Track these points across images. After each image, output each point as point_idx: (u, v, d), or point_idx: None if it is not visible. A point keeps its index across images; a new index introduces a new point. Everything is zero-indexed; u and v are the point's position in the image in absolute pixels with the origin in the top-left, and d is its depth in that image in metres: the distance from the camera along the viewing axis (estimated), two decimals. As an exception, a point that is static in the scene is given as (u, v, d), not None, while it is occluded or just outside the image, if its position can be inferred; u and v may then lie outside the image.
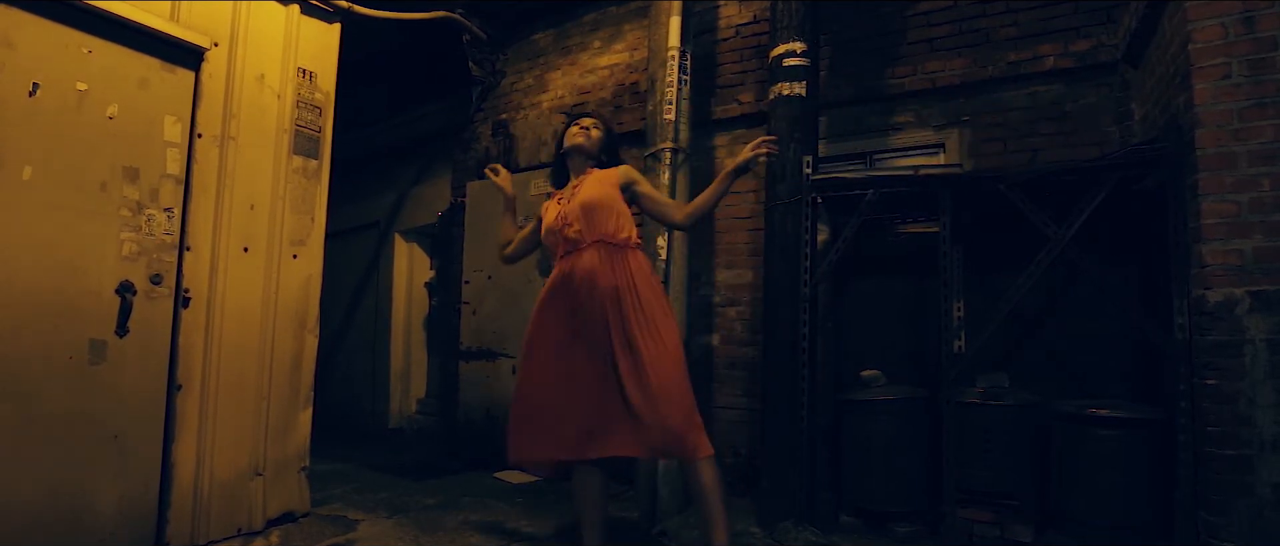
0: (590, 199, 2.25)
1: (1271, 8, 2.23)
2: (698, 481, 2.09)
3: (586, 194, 2.28)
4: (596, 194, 2.27)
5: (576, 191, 2.33)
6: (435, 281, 5.74)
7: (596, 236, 2.22)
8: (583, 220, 2.23)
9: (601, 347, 2.16)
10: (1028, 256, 2.78)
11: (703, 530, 2.12)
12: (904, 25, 3.66)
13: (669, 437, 2.06)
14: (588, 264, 2.19)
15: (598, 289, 2.16)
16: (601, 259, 2.19)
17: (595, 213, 2.23)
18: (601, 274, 2.17)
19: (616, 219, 2.25)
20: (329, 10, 3.19)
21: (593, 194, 2.27)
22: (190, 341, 2.65)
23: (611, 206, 2.26)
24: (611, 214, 2.25)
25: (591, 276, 2.18)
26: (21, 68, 2.23)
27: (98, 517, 2.39)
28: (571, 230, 2.25)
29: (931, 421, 2.96)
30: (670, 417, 2.05)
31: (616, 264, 2.19)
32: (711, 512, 2.07)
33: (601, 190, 2.28)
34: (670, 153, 3.40)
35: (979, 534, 2.82)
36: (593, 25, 4.77)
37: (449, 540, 2.93)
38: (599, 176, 2.35)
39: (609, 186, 2.30)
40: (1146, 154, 2.56)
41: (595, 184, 2.31)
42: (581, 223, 2.24)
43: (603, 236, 2.22)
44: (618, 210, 2.27)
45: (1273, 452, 2.13)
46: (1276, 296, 2.16)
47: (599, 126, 2.45)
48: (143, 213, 2.54)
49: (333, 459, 4.41)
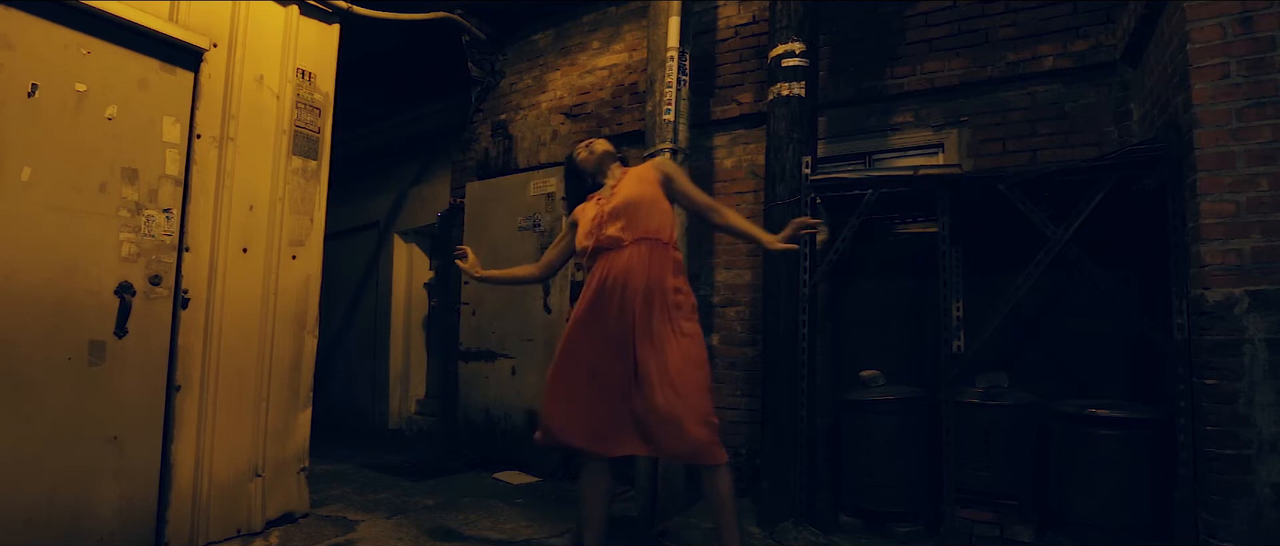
0: (630, 198, 2.24)
1: (1270, 8, 2.23)
2: (713, 488, 2.10)
3: (627, 192, 2.26)
4: (638, 192, 2.25)
5: (614, 189, 2.33)
6: (435, 281, 5.74)
7: (638, 235, 2.20)
8: (624, 218, 2.22)
9: (629, 347, 2.15)
10: (1027, 256, 2.78)
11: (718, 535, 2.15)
12: (903, 25, 3.66)
13: (687, 442, 2.05)
14: (626, 263, 2.18)
15: (631, 288, 2.16)
16: (640, 258, 2.18)
17: (638, 211, 2.22)
18: (638, 273, 2.16)
19: (660, 217, 2.25)
20: (328, 11, 3.19)
21: (634, 192, 2.25)
22: (189, 342, 2.65)
23: (655, 204, 2.25)
24: (655, 211, 2.24)
25: (628, 275, 2.17)
26: (21, 68, 2.23)
27: (97, 518, 2.39)
28: (612, 229, 2.23)
29: (931, 421, 2.96)
30: (690, 423, 2.05)
31: (654, 263, 2.18)
32: (724, 520, 2.10)
33: (642, 188, 2.27)
34: (669, 153, 3.40)
35: (979, 534, 2.82)
36: (592, 26, 4.77)
37: (449, 540, 2.93)
38: (636, 173, 2.34)
39: (650, 184, 2.29)
40: (1145, 154, 2.57)
41: (635, 182, 2.30)
42: (623, 220, 2.22)
43: (644, 235, 2.20)
44: (661, 208, 2.26)
45: (1272, 452, 2.13)
46: (1275, 296, 2.16)
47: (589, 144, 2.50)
48: (142, 213, 2.54)
49: (332, 459, 4.41)
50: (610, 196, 2.31)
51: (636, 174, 2.34)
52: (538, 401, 4.39)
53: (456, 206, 5.24)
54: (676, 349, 2.11)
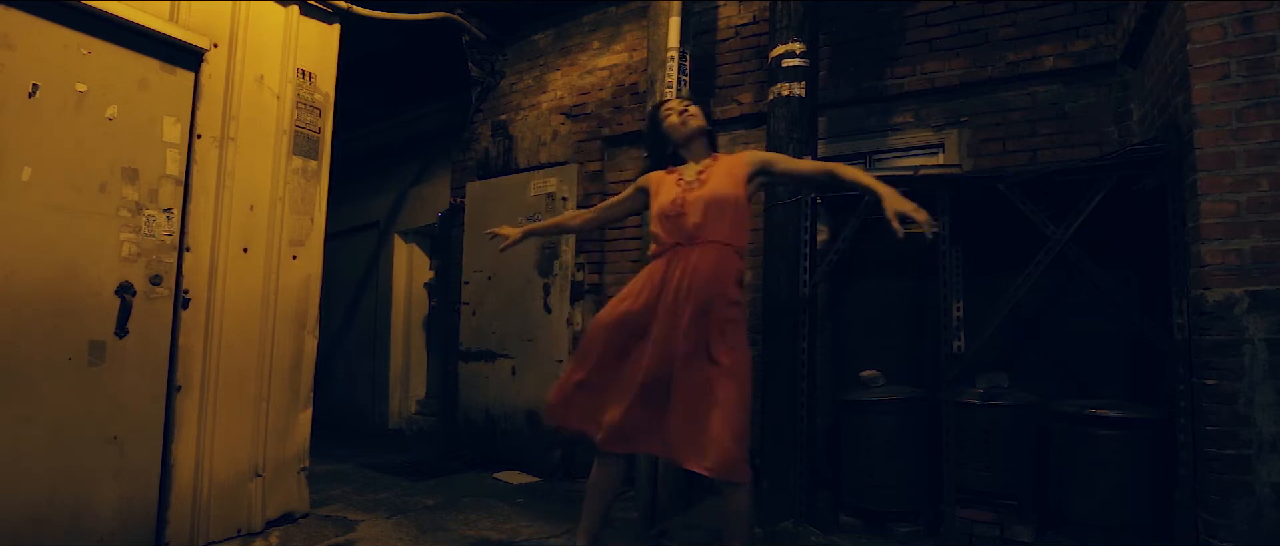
0: (718, 195, 2.11)
1: (1270, 8, 2.23)
2: (734, 505, 2.01)
3: (716, 188, 2.13)
4: (726, 191, 2.12)
5: (705, 179, 2.17)
6: (435, 281, 5.74)
7: (715, 237, 2.09)
8: (705, 215, 2.10)
9: (675, 348, 2.04)
10: (1027, 256, 2.78)
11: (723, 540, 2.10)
12: (903, 25, 3.66)
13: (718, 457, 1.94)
14: (696, 262, 2.07)
15: (695, 290, 2.04)
16: (709, 261, 2.07)
17: (719, 211, 2.10)
18: (703, 275, 2.05)
19: (740, 223, 2.14)
20: (328, 11, 3.19)
21: (723, 190, 2.12)
22: (190, 342, 2.65)
23: (740, 209, 2.13)
24: (738, 216, 2.13)
25: (694, 275, 2.06)
26: (21, 68, 2.23)
27: (97, 518, 2.39)
28: (690, 221, 2.11)
29: (931, 421, 2.96)
30: (725, 437, 1.94)
31: (722, 270, 2.07)
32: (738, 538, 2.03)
33: (731, 188, 2.13)
34: (670, 153, 3.40)
35: (979, 534, 2.82)
36: (592, 26, 4.77)
37: (449, 540, 2.93)
38: (728, 167, 2.19)
39: (739, 185, 2.15)
40: (1145, 154, 2.57)
41: (726, 178, 2.16)
42: (703, 218, 2.10)
43: (720, 239, 2.09)
44: (744, 214, 2.15)
45: (1272, 452, 2.13)
46: (1275, 296, 2.16)
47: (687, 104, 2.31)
48: (142, 213, 2.54)
49: (332, 459, 4.41)
50: (697, 184, 2.17)
51: (727, 168, 2.19)
52: (539, 401, 4.40)
53: (457, 206, 5.24)
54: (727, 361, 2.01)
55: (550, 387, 2.26)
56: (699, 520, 3.12)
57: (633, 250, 4.24)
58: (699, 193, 2.14)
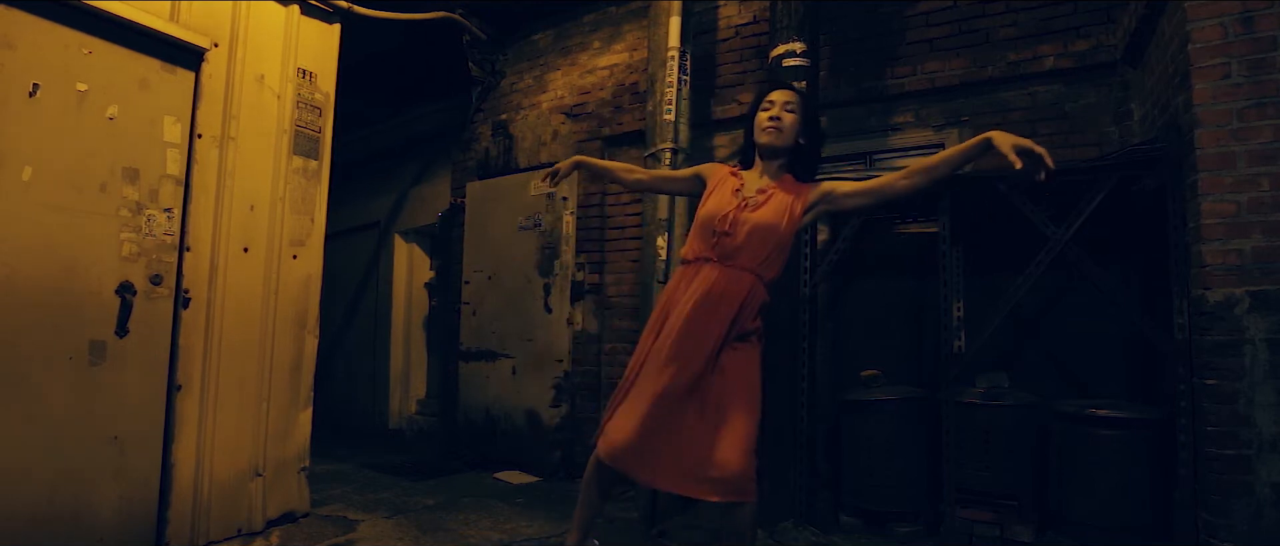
0: (766, 224, 1.96)
1: (1270, 8, 2.23)
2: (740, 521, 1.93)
3: (767, 216, 1.97)
4: (774, 221, 1.97)
5: (762, 201, 2.00)
6: (435, 281, 5.74)
7: (745, 263, 1.97)
8: (747, 239, 1.97)
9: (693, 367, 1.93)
10: (1027, 256, 2.78)
11: None
12: (903, 25, 3.66)
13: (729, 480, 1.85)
14: (724, 282, 1.96)
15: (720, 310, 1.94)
16: (735, 286, 1.95)
17: (762, 241, 1.96)
18: (730, 298, 1.94)
19: (775, 257, 2.00)
20: (329, 11, 3.19)
21: (771, 219, 1.97)
22: (190, 342, 2.65)
23: (780, 243, 1.98)
24: (776, 250, 1.99)
25: (720, 299, 1.94)
26: (21, 68, 2.23)
27: (98, 518, 2.39)
28: (731, 240, 1.98)
29: (931, 421, 2.96)
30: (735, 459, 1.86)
31: (749, 299, 1.97)
32: None
33: (781, 221, 1.97)
34: (670, 153, 3.40)
35: (979, 534, 2.82)
36: (592, 26, 4.77)
37: (449, 540, 2.93)
38: (789, 200, 2.00)
39: (792, 220, 1.98)
40: (1146, 154, 2.57)
41: (781, 208, 1.99)
42: (744, 240, 1.97)
43: (754, 268, 1.97)
44: (783, 250, 2.00)
45: (1272, 452, 2.13)
46: (1276, 296, 2.16)
47: (793, 108, 2.05)
48: (142, 213, 2.54)
49: (333, 459, 4.41)
50: (754, 205, 2.01)
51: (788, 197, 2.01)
52: (539, 402, 4.41)
53: (457, 206, 5.25)
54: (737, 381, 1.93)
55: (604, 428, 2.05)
56: (699, 520, 3.12)
57: (632, 250, 4.24)
58: (753, 214, 1.99)
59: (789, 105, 2.06)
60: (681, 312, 1.97)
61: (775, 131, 2.04)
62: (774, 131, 2.04)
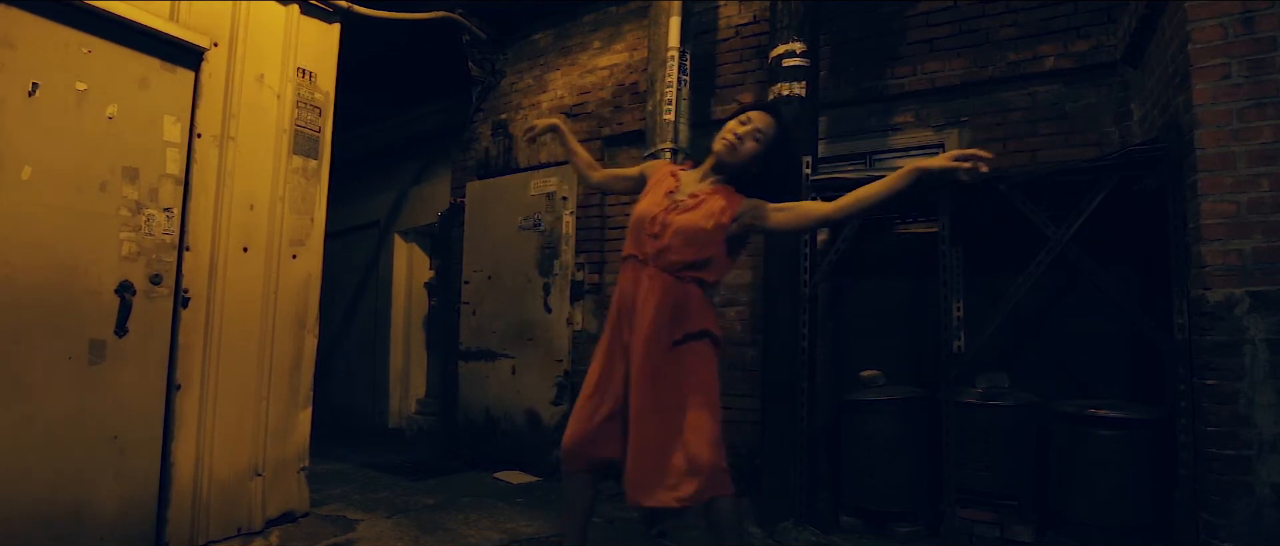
0: (690, 227, 1.93)
1: (1271, 8, 2.23)
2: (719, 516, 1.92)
3: (693, 219, 1.94)
4: (698, 225, 1.93)
5: (692, 204, 1.97)
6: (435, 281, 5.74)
7: (670, 264, 1.94)
8: (670, 240, 1.94)
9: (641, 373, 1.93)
10: (1027, 256, 2.78)
11: None
12: (904, 25, 3.66)
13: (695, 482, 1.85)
14: (649, 285, 1.95)
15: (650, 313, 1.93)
16: (664, 288, 1.93)
17: (686, 243, 1.93)
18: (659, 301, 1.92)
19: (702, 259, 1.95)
20: (329, 10, 3.19)
21: (696, 223, 1.93)
22: (189, 341, 2.65)
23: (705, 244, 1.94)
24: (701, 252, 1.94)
25: (649, 299, 1.93)
26: (21, 68, 2.23)
27: (97, 517, 2.39)
28: (657, 242, 1.95)
29: (931, 421, 2.96)
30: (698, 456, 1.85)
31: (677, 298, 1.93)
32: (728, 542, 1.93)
33: (706, 224, 1.93)
34: (670, 153, 3.40)
35: (979, 534, 2.82)
36: (592, 25, 4.77)
37: (449, 540, 2.93)
38: (719, 207, 1.95)
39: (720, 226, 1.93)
40: (1146, 154, 2.57)
41: (708, 215, 1.94)
42: (667, 241, 1.94)
43: (676, 267, 1.94)
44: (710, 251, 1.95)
45: (1272, 452, 2.13)
46: (1276, 296, 2.16)
47: (760, 139, 1.98)
48: (142, 212, 2.53)
49: (332, 459, 4.41)
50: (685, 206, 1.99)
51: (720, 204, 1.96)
52: (539, 401, 4.40)
53: (457, 206, 5.24)
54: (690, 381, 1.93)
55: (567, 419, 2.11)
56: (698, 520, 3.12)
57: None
58: (682, 216, 1.96)
59: (760, 134, 1.99)
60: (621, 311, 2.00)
61: (730, 147, 1.99)
62: (729, 146, 1.99)
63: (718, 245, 1.96)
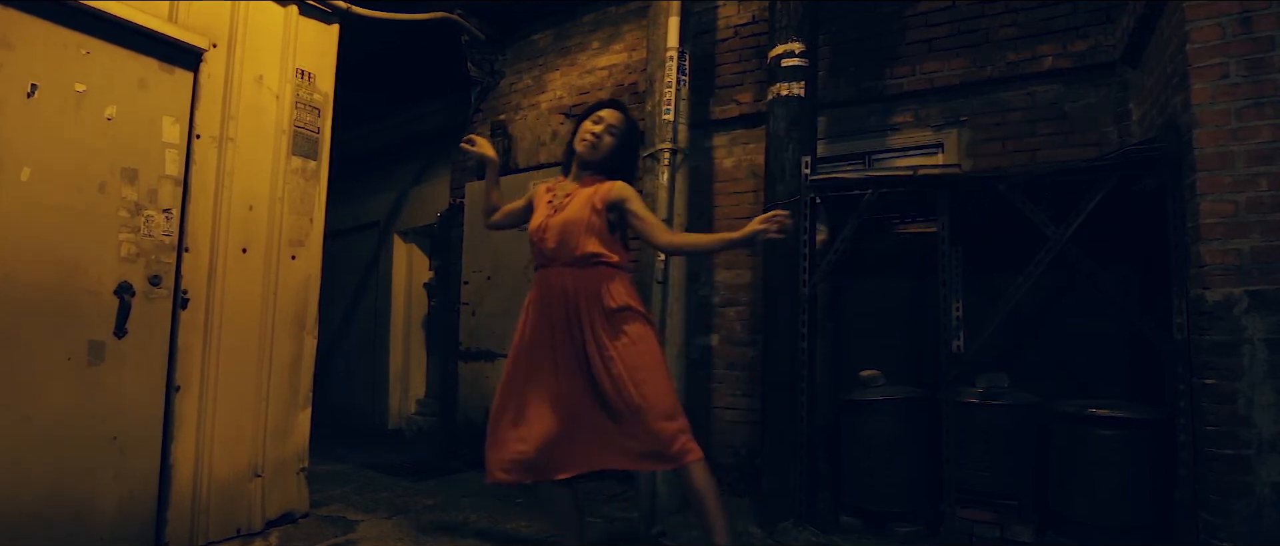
0: (569, 220, 2.13)
1: (1269, 8, 2.23)
2: (691, 485, 2.02)
3: (569, 213, 2.14)
4: (576, 215, 2.13)
5: (567, 203, 2.18)
6: (435, 281, 5.74)
7: (569, 257, 2.12)
8: (558, 238, 2.13)
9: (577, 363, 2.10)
10: (1027, 256, 2.78)
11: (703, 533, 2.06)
12: (903, 25, 3.66)
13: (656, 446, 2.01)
14: (559, 281, 2.13)
15: (569, 305, 2.10)
16: (572, 278, 2.11)
17: (571, 234, 2.12)
18: (571, 292, 2.10)
19: (594, 242, 2.12)
20: (327, 11, 3.19)
21: (574, 215, 2.13)
22: (189, 342, 2.65)
23: (588, 229, 2.12)
24: (589, 237, 2.12)
25: (563, 293, 2.11)
26: (20, 68, 2.23)
27: (97, 518, 2.39)
28: (547, 245, 2.16)
29: (931, 421, 2.96)
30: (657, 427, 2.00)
31: (587, 284, 2.11)
32: (710, 515, 2.01)
33: (583, 213, 2.13)
34: (669, 153, 3.40)
35: (979, 534, 2.82)
36: (592, 26, 4.77)
37: (449, 540, 2.93)
38: (588, 194, 2.17)
39: (590, 210, 2.13)
40: (1145, 154, 2.57)
41: (582, 203, 2.15)
42: (556, 240, 2.14)
43: (575, 259, 2.12)
44: (596, 234, 2.13)
45: (1272, 452, 2.13)
46: (1275, 296, 2.16)
47: (614, 132, 2.21)
48: (141, 213, 2.53)
49: (332, 459, 4.41)
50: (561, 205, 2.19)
51: (588, 194, 2.17)
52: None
53: (456, 206, 5.24)
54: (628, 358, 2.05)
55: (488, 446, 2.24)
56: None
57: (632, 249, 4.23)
58: (558, 216, 2.16)
59: (613, 129, 2.21)
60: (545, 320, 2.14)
61: (590, 147, 2.20)
62: (589, 145, 2.20)
63: (598, 225, 2.13)
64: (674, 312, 3.36)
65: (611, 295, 2.10)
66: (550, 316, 2.14)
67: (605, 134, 2.20)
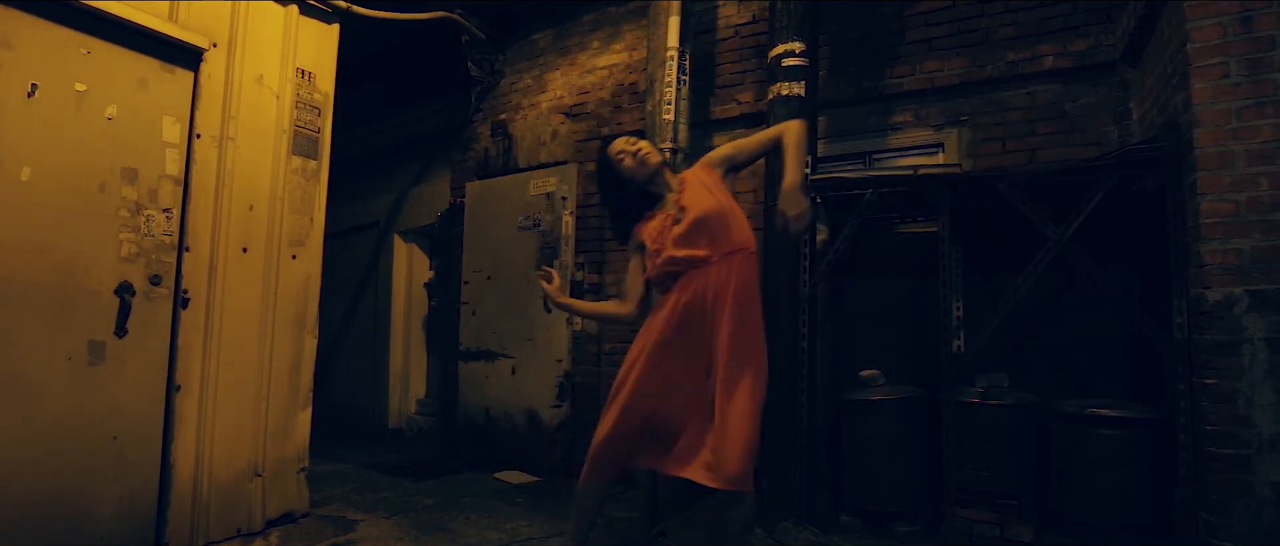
0: (709, 212, 1.99)
1: (1269, 7, 2.23)
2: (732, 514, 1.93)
3: (702, 207, 2.00)
4: (710, 203, 2.01)
5: (685, 206, 2.04)
6: (435, 281, 5.74)
7: (726, 249, 1.98)
8: (705, 235, 1.98)
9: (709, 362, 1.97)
10: (1027, 256, 2.78)
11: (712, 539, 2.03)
12: (903, 25, 3.65)
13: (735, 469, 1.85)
14: (716, 279, 1.97)
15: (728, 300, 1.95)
16: (731, 270, 1.97)
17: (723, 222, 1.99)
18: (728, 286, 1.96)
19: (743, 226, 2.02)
20: (328, 10, 3.19)
21: (706, 204, 2.01)
22: (189, 342, 2.65)
23: (733, 213, 2.02)
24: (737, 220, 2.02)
25: (720, 291, 1.96)
26: (20, 68, 2.23)
27: (97, 518, 2.39)
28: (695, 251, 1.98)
29: (931, 421, 2.96)
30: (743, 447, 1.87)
31: (747, 277, 1.99)
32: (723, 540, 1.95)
33: (712, 197, 2.02)
34: (669, 153, 3.40)
35: (979, 533, 2.82)
36: (592, 25, 4.77)
37: (449, 540, 2.93)
38: (697, 178, 2.09)
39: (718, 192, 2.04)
40: (1145, 154, 2.57)
41: (701, 191, 2.04)
42: (705, 238, 1.98)
43: (732, 247, 1.98)
44: (739, 216, 2.03)
45: (1271, 452, 2.13)
46: (1275, 296, 2.16)
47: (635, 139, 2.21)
48: (141, 213, 2.54)
49: (332, 459, 4.41)
50: (680, 212, 2.05)
51: (700, 181, 2.08)
52: (539, 401, 4.40)
53: (457, 206, 5.24)
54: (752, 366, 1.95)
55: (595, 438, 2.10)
56: (699, 519, 3.12)
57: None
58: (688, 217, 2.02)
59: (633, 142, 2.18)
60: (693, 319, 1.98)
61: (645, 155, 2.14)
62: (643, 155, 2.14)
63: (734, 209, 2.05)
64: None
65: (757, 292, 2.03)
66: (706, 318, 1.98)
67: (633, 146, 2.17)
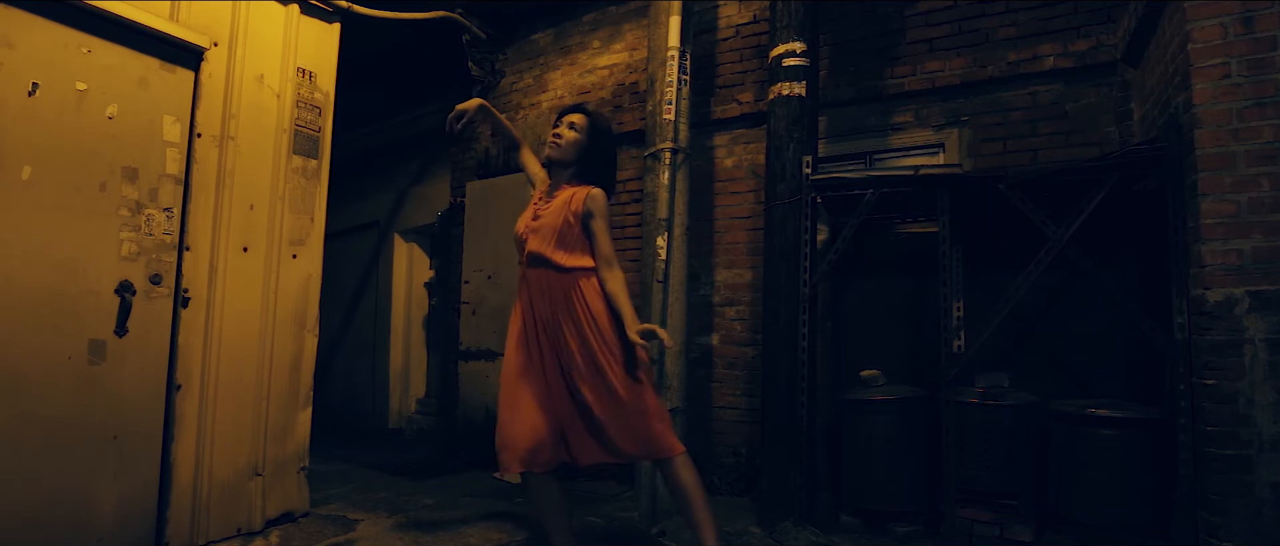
0: (548, 225, 2.21)
1: (1270, 8, 2.23)
2: (677, 482, 2.13)
3: (549, 219, 2.22)
4: (555, 221, 2.21)
5: (547, 207, 2.27)
6: (435, 281, 5.74)
7: (550, 260, 2.20)
8: (539, 241, 2.22)
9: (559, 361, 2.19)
10: (1027, 256, 2.78)
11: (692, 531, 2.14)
12: (903, 25, 3.66)
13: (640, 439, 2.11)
14: (540, 281, 2.21)
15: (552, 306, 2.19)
16: (551, 281, 2.19)
17: (551, 238, 2.20)
18: (551, 294, 2.19)
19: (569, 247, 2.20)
20: (329, 10, 3.19)
21: (553, 221, 2.21)
22: (189, 341, 2.65)
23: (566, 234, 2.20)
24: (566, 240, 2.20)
25: (544, 294, 2.20)
26: (21, 67, 2.23)
27: (97, 518, 2.39)
28: (530, 246, 2.24)
29: (931, 421, 2.96)
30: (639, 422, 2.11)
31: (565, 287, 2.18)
32: (697, 513, 2.10)
33: (560, 219, 2.21)
34: (670, 152, 3.40)
35: (979, 533, 2.82)
36: (592, 25, 4.77)
37: (449, 540, 2.93)
38: (567, 198, 2.24)
39: (565, 217, 2.21)
40: (1146, 154, 2.57)
41: (561, 208, 2.22)
42: (537, 243, 2.22)
43: (556, 263, 2.19)
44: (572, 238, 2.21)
45: (1272, 452, 2.13)
46: (1275, 296, 2.16)
47: (580, 128, 2.29)
48: (142, 212, 2.53)
49: (332, 459, 4.41)
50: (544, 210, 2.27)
51: (566, 198, 2.24)
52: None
53: (457, 206, 5.24)
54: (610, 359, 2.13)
55: None
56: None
57: (632, 250, 4.24)
58: (538, 222, 2.25)
59: (574, 125, 2.29)
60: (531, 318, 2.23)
61: (555, 147, 2.29)
62: (554, 146, 2.29)
63: (575, 231, 2.21)
64: (674, 312, 3.36)
65: (584, 298, 2.17)
66: (534, 316, 2.23)
67: (566, 129, 2.29)
